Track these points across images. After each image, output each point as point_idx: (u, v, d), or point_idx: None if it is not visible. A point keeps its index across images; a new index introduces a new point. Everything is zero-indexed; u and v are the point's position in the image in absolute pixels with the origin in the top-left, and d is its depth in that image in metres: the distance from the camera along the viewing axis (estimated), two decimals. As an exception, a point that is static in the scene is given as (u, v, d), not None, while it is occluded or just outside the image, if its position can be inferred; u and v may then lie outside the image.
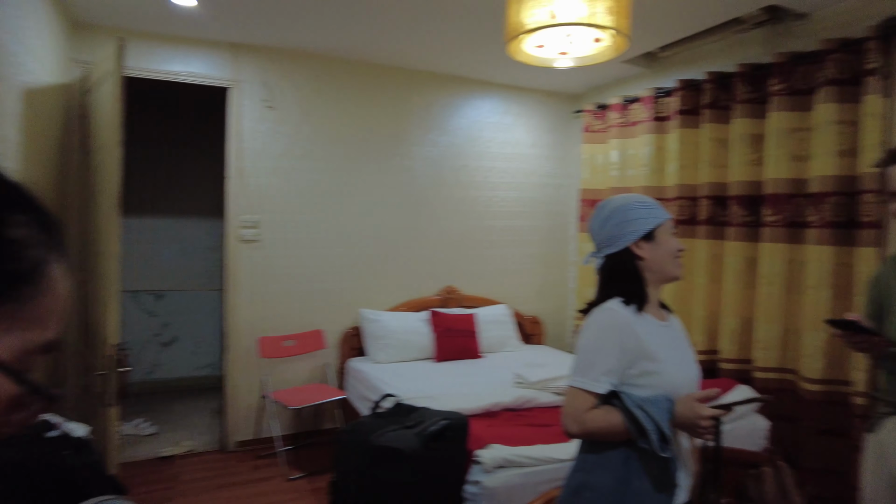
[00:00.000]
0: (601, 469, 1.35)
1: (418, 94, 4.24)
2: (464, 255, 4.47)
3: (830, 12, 3.01)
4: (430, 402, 2.68)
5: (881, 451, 1.58)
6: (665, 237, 1.41)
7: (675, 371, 1.37)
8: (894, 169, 1.52)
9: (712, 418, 1.27)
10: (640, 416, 1.26)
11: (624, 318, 1.36)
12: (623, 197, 1.48)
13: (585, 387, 1.33)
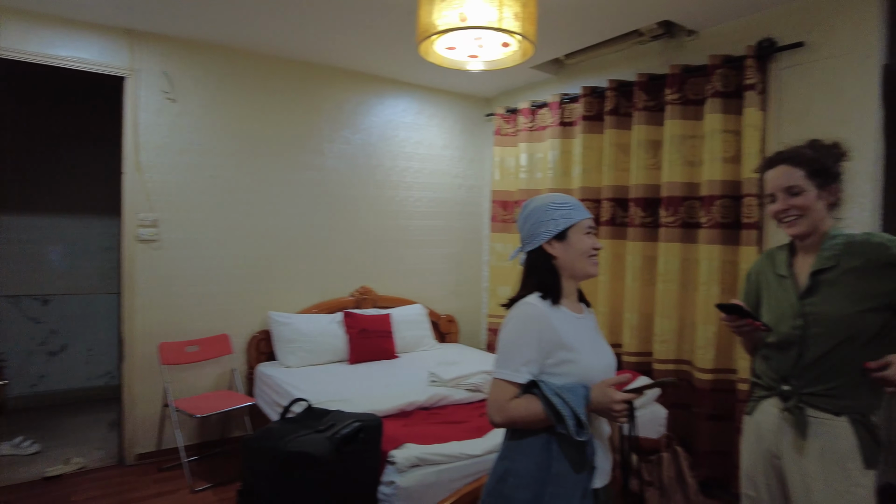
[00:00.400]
0: (523, 455, 1.42)
1: (330, 91, 4.17)
2: (379, 254, 4.44)
3: (716, 30, 3.26)
4: (343, 404, 2.64)
5: (758, 431, 1.72)
6: (577, 237, 1.48)
7: (590, 360, 1.45)
8: (769, 174, 1.66)
9: (625, 402, 1.36)
10: (557, 404, 1.33)
11: (541, 312, 1.43)
12: (544, 197, 1.55)
13: (507, 377, 1.40)
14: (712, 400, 3.13)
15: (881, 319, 1.52)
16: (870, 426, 1.54)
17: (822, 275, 1.60)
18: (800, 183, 1.59)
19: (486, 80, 4.40)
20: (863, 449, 1.52)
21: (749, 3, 2.94)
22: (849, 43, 2.73)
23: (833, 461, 1.53)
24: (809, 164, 1.60)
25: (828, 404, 1.55)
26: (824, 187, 1.60)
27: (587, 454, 1.37)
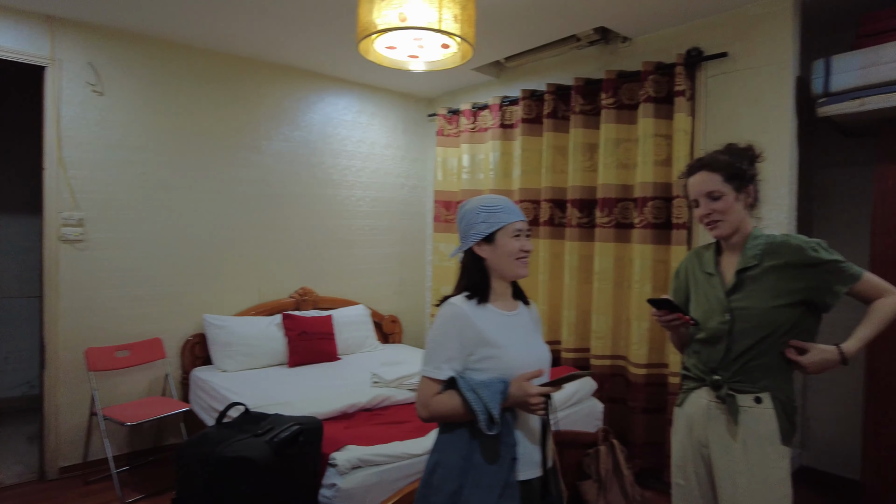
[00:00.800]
0: (450, 447, 1.49)
1: (269, 87, 4.07)
2: (319, 255, 4.37)
3: (649, 38, 3.40)
4: (282, 408, 2.59)
5: (688, 422, 1.80)
6: (505, 240, 1.53)
7: (515, 355, 1.50)
8: (691, 181, 1.76)
9: (542, 395, 1.41)
10: (470, 399, 1.40)
11: (462, 311, 1.50)
12: (478, 200, 1.60)
13: (430, 374, 1.49)
14: (646, 393, 3.26)
15: (797, 313, 1.64)
16: (788, 409, 1.66)
17: (746, 273, 1.70)
18: (718, 187, 1.68)
19: (428, 80, 4.41)
20: (781, 430, 1.64)
21: (678, 13, 3.08)
22: (766, 55, 2.90)
23: (756, 445, 1.63)
24: (726, 168, 1.69)
25: (751, 388, 1.66)
26: (741, 189, 1.70)
27: (503, 447, 1.43)
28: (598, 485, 2.87)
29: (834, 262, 1.62)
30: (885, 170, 2.71)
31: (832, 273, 1.62)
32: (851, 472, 3.18)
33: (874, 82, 2.55)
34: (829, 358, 1.60)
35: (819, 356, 1.61)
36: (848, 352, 1.60)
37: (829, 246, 1.66)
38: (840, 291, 1.62)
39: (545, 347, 1.63)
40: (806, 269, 1.63)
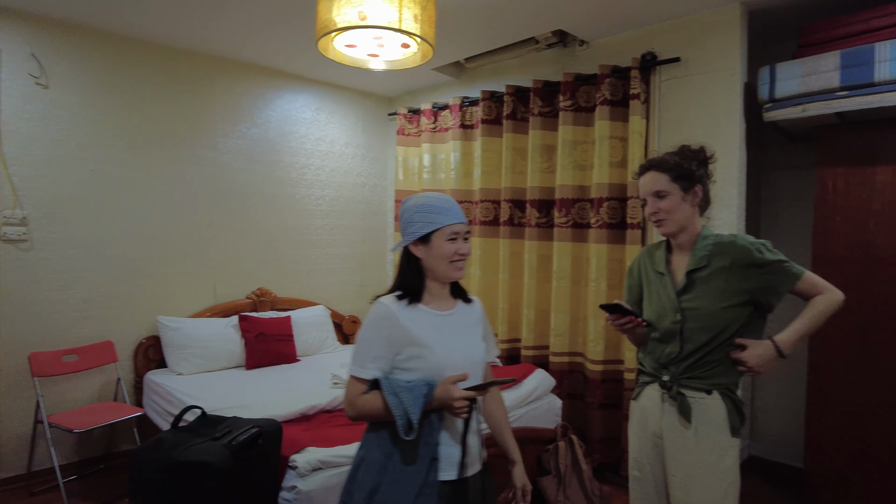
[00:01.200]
0: (375, 445, 1.50)
1: (225, 84, 3.98)
2: (277, 254, 4.30)
3: (606, 42, 3.48)
4: (240, 411, 2.53)
5: (643, 415, 1.85)
6: (440, 242, 1.51)
7: (444, 356, 1.50)
8: (641, 181, 1.82)
9: (467, 399, 1.40)
10: (391, 403, 1.41)
11: (390, 311, 1.50)
12: (418, 198, 1.56)
13: (356, 374, 1.49)
14: (603, 389, 3.34)
15: (745, 313, 1.70)
16: (736, 400, 1.72)
17: (696, 273, 1.74)
18: (665, 187, 1.73)
19: (388, 79, 4.40)
20: (730, 419, 1.69)
21: (634, 18, 3.16)
22: (716, 61, 3.01)
23: (707, 432, 1.68)
24: (673, 169, 1.74)
25: (702, 385, 1.71)
26: (688, 189, 1.74)
27: (424, 447, 1.44)
28: (557, 480, 2.92)
29: (778, 263, 1.68)
30: (824, 173, 2.85)
31: (776, 273, 1.67)
32: (796, 461, 3.34)
33: (814, 90, 2.67)
34: (766, 352, 1.65)
35: (757, 351, 1.66)
36: (781, 343, 1.65)
37: (775, 246, 1.73)
38: (784, 291, 1.68)
39: (480, 347, 1.62)
40: (752, 269, 1.68)
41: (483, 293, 3.95)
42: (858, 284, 2.75)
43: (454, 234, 1.51)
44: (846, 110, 2.61)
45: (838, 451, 2.81)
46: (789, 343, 1.65)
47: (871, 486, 2.72)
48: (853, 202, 2.77)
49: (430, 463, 1.44)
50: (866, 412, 2.74)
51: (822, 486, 2.86)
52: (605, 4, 2.97)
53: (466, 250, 1.55)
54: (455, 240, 1.52)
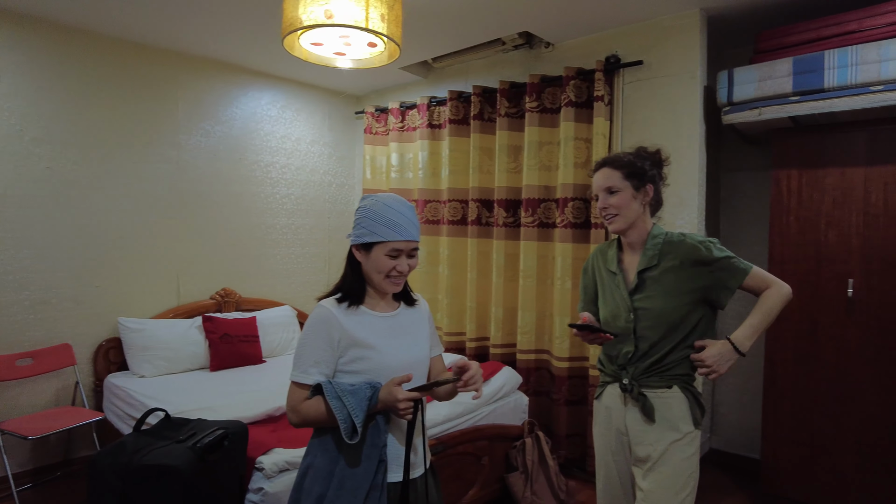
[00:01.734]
0: (321, 451, 1.47)
1: (188, 80, 3.90)
2: (241, 254, 4.24)
3: (571, 44, 3.53)
4: (206, 413, 2.50)
5: (607, 413, 1.87)
6: (379, 256, 1.47)
7: (387, 357, 1.49)
8: (595, 177, 1.82)
9: (411, 399, 1.39)
10: (334, 407, 1.38)
11: (330, 314, 1.48)
12: (376, 201, 1.51)
13: (298, 379, 1.46)
14: (569, 386, 3.39)
15: (699, 311, 1.73)
16: (695, 392, 1.76)
17: (647, 272, 1.76)
18: (616, 183, 1.76)
19: (355, 77, 4.38)
20: (691, 411, 1.73)
21: (598, 21, 3.22)
22: (678, 64, 3.09)
23: (669, 426, 1.71)
24: (626, 166, 1.76)
25: (661, 381, 1.74)
26: (640, 188, 1.76)
27: (370, 449, 1.43)
28: (524, 476, 2.96)
29: (726, 259, 1.70)
30: (779, 174, 2.96)
31: (724, 270, 1.70)
32: (753, 452, 3.45)
33: (769, 94, 2.77)
34: (725, 350, 1.65)
35: (715, 350, 1.66)
36: (737, 341, 1.66)
37: (734, 244, 1.79)
38: (733, 287, 1.70)
39: (424, 347, 1.61)
40: (701, 267, 1.70)
41: (452, 292, 3.97)
42: (810, 281, 2.87)
43: (395, 251, 1.47)
44: (798, 114, 2.71)
45: (792, 442, 2.92)
46: (746, 340, 1.66)
47: (821, 475, 2.84)
48: (805, 202, 2.89)
49: (378, 465, 1.43)
50: (817, 404, 2.86)
51: (777, 476, 2.97)
52: (570, 7, 3.02)
53: (405, 269, 1.50)
54: (396, 256, 1.48)
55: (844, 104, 2.58)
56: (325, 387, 1.42)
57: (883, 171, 2.69)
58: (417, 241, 1.52)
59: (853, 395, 2.76)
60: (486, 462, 2.92)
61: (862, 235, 2.74)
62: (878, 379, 2.70)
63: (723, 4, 2.95)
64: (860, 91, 2.54)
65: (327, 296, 1.55)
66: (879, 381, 2.70)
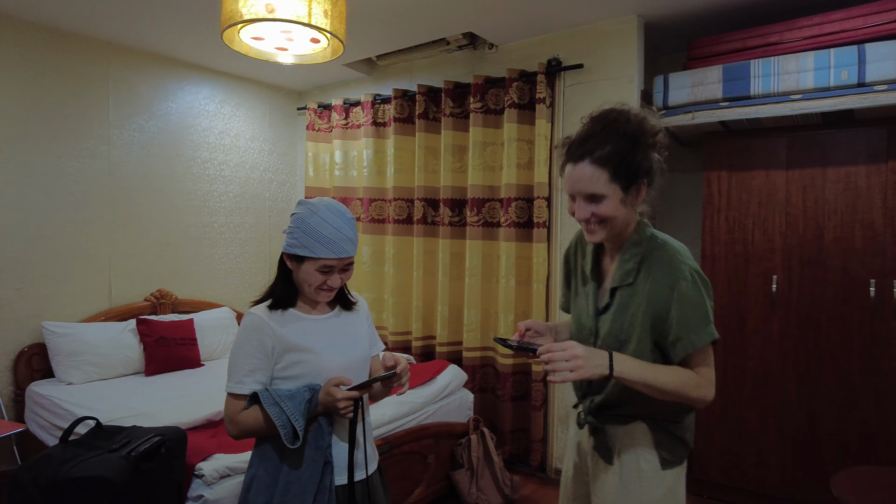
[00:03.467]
0: (264, 461, 1.45)
1: (120, 72, 3.72)
2: (178, 254, 4.08)
3: (514, 46, 3.59)
4: (141, 420, 2.40)
5: (575, 446, 1.61)
6: (309, 269, 1.44)
7: (325, 359, 1.47)
8: (575, 171, 1.36)
9: (350, 399, 1.38)
10: (273, 414, 1.36)
11: (262, 321, 1.44)
12: (313, 213, 1.43)
13: (233, 390, 1.42)
14: (513, 382, 3.45)
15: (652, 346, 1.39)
16: (669, 428, 1.43)
17: (619, 290, 1.42)
18: (602, 189, 1.33)
19: (297, 73, 4.29)
20: (658, 451, 1.42)
21: (540, 24, 3.28)
22: (616, 69, 3.19)
23: (630, 466, 1.42)
24: (614, 163, 1.31)
25: (620, 420, 1.44)
26: (629, 188, 1.34)
27: (315, 453, 1.41)
28: (469, 472, 2.99)
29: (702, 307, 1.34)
30: (710, 176, 3.11)
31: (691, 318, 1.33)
32: (686, 442, 3.61)
33: (701, 100, 2.91)
34: (599, 354, 1.28)
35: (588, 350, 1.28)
36: (618, 358, 1.29)
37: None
38: (690, 345, 1.34)
39: (363, 347, 1.59)
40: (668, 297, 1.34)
41: (398, 291, 3.96)
42: (738, 278, 3.03)
43: (327, 267, 1.44)
44: (727, 119, 2.86)
45: (721, 429, 3.08)
46: (626, 367, 1.28)
47: (745, 458, 3.01)
48: (734, 203, 3.05)
49: (324, 467, 1.42)
50: (743, 392, 3.02)
51: (709, 461, 3.12)
52: (512, 9, 3.07)
53: (337, 283, 1.47)
54: (328, 272, 1.45)
55: (768, 111, 2.74)
56: (262, 394, 1.39)
57: (801, 174, 2.87)
58: (352, 255, 1.48)
59: (774, 383, 2.94)
60: (432, 460, 2.93)
61: (784, 235, 2.92)
62: (796, 368, 2.89)
63: (658, 12, 3.07)
64: (782, 99, 2.71)
65: (259, 302, 1.51)
66: (796, 370, 2.88)
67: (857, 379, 2.75)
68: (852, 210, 2.76)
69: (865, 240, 2.73)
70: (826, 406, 2.82)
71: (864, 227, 2.73)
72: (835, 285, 2.80)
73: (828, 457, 2.81)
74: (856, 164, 2.75)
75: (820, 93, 2.62)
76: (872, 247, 2.71)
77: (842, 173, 2.78)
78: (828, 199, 2.82)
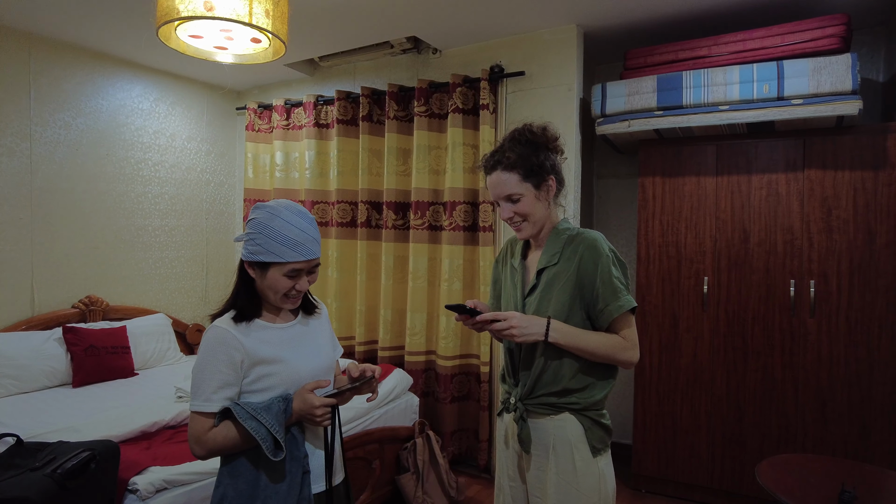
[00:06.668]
0: (236, 478, 1.38)
1: (43, 66, 3.51)
2: (109, 258, 3.89)
3: (457, 51, 3.62)
4: (68, 434, 2.27)
5: (505, 432, 1.69)
6: (275, 276, 1.38)
7: (297, 367, 1.43)
8: (489, 181, 1.62)
9: (328, 406, 1.36)
10: (251, 428, 1.31)
11: (228, 334, 1.38)
12: (275, 216, 1.38)
13: (200, 409, 1.34)
14: (457, 383, 3.47)
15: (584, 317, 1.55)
16: (594, 416, 1.56)
17: (545, 272, 1.58)
18: (516, 189, 1.55)
19: (236, 72, 4.18)
20: (589, 438, 1.54)
21: (482, 30, 3.33)
22: (556, 76, 3.28)
23: (564, 455, 1.53)
24: (521, 165, 1.55)
25: (552, 405, 1.55)
26: (541, 185, 1.57)
27: (292, 463, 1.38)
28: (415, 476, 2.99)
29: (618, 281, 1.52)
30: (645, 182, 3.24)
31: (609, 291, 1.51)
32: (626, 438, 3.74)
33: (636, 108, 3.03)
34: (536, 322, 1.50)
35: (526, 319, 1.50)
36: (554, 326, 1.50)
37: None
38: (609, 314, 1.51)
39: (330, 353, 1.56)
40: (591, 275, 1.52)
41: (341, 295, 3.91)
42: (672, 279, 3.17)
43: (294, 270, 1.38)
44: (661, 128, 2.99)
45: (657, 426, 3.21)
46: (561, 334, 1.50)
47: (679, 452, 3.15)
48: (668, 208, 3.18)
49: (303, 477, 1.38)
50: (677, 390, 3.16)
51: (645, 457, 3.24)
52: (455, 15, 3.10)
53: (305, 287, 1.43)
54: (295, 276, 1.40)
55: (698, 120, 2.88)
56: (236, 409, 1.33)
57: (729, 180, 3.04)
58: (319, 256, 1.44)
59: (704, 380, 3.09)
60: (377, 465, 2.91)
61: (714, 238, 3.08)
62: (724, 365, 3.05)
63: (596, 23, 3.17)
64: (711, 109, 2.85)
65: (220, 313, 1.44)
66: (725, 367, 3.04)
67: (779, 373, 2.93)
68: (774, 215, 2.94)
69: (785, 243, 2.92)
70: (751, 399, 2.99)
71: (784, 231, 2.92)
72: (759, 286, 2.97)
73: (753, 447, 2.98)
74: (776, 172, 2.93)
75: (745, 105, 2.78)
76: (791, 249, 2.90)
77: (764, 180, 2.96)
78: (753, 205, 2.99)
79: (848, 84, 2.57)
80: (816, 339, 2.86)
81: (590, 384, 1.56)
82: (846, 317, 2.81)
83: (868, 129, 2.77)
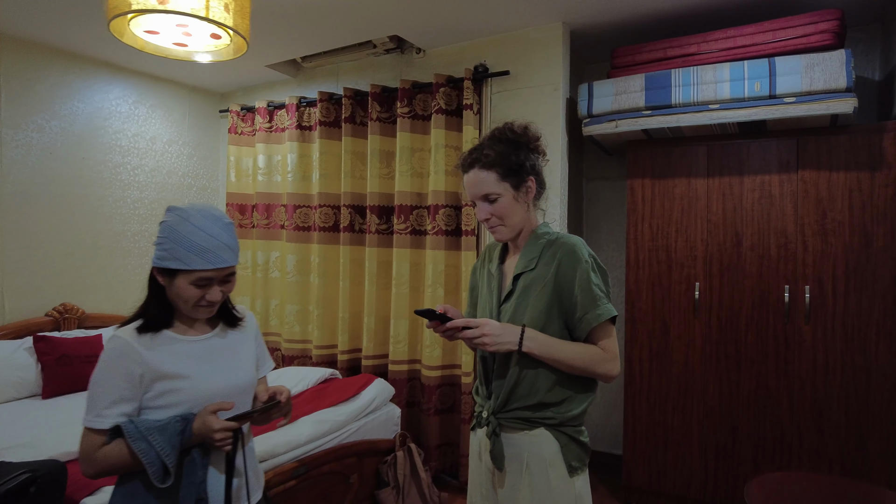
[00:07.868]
0: (129, 500, 1.29)
1: (14, 66, 3.41)
2: (85, 265, 3.78)
3: (441, 51, 3.52)
4: (20, 451, 2.16)
5: (479, 447, 1.62)
6: (183, 284, 1.29)
7: (204, 385, 1.34)
8: (466, 180, 1.55)
9: (229, 430, 1.27)
10: (139, 450, 1.21)
11: (129, 346, 1.28)
12: (182, 219, 1.29)
13: (91, 425, 1.26)
14: (440, 395, 3.36)
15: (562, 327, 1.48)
16: (571, 433, 1.48)
17: (521, 278, 1.51)
18: (494, 189, 1.48)
19: (218, 74, 4.08)
20: (565, 456, 1.46)
21: (466, 29, 3.23)
22: (542, 76, 3.18)
23: (539, 473, 1.46)
24: (500, 164, 1.48)
25: (523, 425, 1.48)
26: (520, 186, 1.50)
27: (187, 489, 1.28)
28: (395, 491, 2.87)
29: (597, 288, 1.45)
30: (633, 184, 3.13)
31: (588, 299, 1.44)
32: (616, 448, 3.62)
33: (624, 108, 2.92)
34: (510, 331, 1.42)
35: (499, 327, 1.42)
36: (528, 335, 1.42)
37: (598, 250, 1.57)
38: (587, 323, 1.44)
39: (249, 370, 1.45)
40: (570, 281, 1.45)
41: (323, 302, 3.80)
42: (662, 284, 3.06)
43: (204, 279, 1.29)
44: (650, 128, 2.88)
45: (648, 436, 3.09)
46: (535, 343, 1.42)
47: (670, 463, 3.03)
48: (658, 210, 3.08)
49: (202, 501, 1.28)
50: (668, 399, 3.04)
51: (635, 468, 3.13)
52: (438, 14, 3.00)
53: (217, 297, 1.33)
54: (205, 286, 1.30)
55: (688, 120, 2.78)
56: (127, 428, 1.22)
57: (720, 182, 2.93)
58: (234, 264, 1.34)
59: (696, 389, 2.98)
60: (355, 480, 2.80)
61: (705, 242, 2.97)
62: (717, 373, 2.93)
63: (582, 20, 3.07)
64: (701, 108, 2.75)
65: (127, 322, 1.33)
66: (717, 376, 2.93)
67: (773, 382, 2.81)
68: (767, 218, 2.83)
69: (779, 246, 2.80)
70: (744, 409, 2.87)
71: (777, 234, 2.81)
72: (752, 291, 2.86)
73: (746, 458, 2.86)
74: (769, 173, 2.82)
75: (736, 103, 2.68)
76: (785, 253, 2.79)
77: (757, 182, 2.85)
78: (745, 207, 2.88)
79: (842, 81, 2.46)
80: (812, 346, 2.75)
81: (567, 398, 1.47)
82: (842, 323, 2.70)
83: (864, 129, 2.66)
